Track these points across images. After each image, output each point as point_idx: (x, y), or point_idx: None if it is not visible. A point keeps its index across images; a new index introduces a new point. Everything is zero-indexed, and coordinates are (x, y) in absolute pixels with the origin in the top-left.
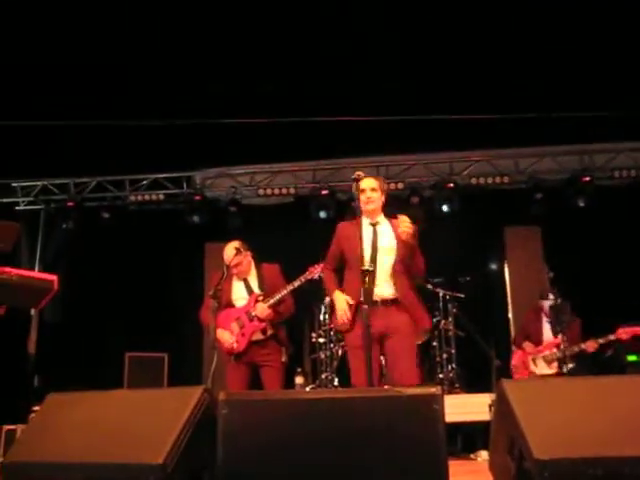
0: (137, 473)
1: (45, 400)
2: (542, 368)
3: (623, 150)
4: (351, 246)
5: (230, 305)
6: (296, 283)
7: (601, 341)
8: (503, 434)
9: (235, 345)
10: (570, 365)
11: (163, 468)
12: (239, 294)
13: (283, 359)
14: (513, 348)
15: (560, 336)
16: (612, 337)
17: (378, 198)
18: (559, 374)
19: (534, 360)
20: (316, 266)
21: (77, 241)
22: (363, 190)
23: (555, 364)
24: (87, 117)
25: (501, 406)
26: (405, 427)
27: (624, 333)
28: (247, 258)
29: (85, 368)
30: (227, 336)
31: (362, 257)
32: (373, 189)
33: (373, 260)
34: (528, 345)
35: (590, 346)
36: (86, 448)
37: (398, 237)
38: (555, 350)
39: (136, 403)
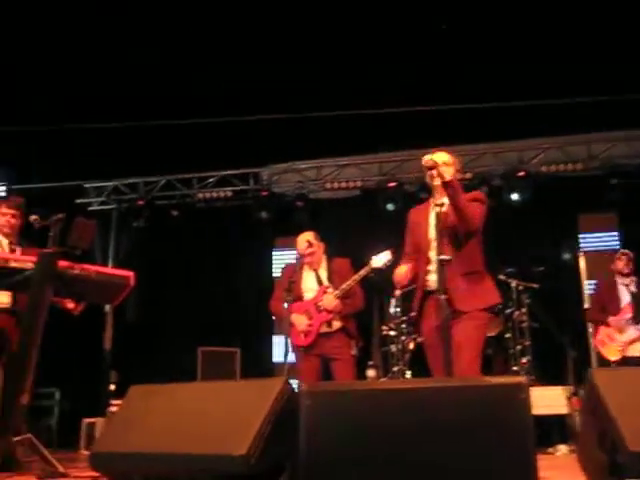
0: (220, 464)
1: (128, 392)
2: (629, 333)
3: None
4: (418, 231)
5: (299, 297)
6: (362, 272)
7: None
8: (593, 426)
9: (303, 337)
10: None
11: (246, 459)
12: (309, 285)
13: (353, 352)
14: (589, 327)
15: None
16: None
17: (449, 172)
18: None
19: (618, 328)
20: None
21: (148, 239)
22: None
23: (638, 325)
24: (155, 117)
25: (590, 397)
26: (490, 418)
27: None
28: (320, 249)
29: (159, 363)
30: (300, 320)
31: (428, 242)
32: (445, 163)
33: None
34: (612, 320)
35: None
36: (169, 439)
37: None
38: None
39: (218, 395)
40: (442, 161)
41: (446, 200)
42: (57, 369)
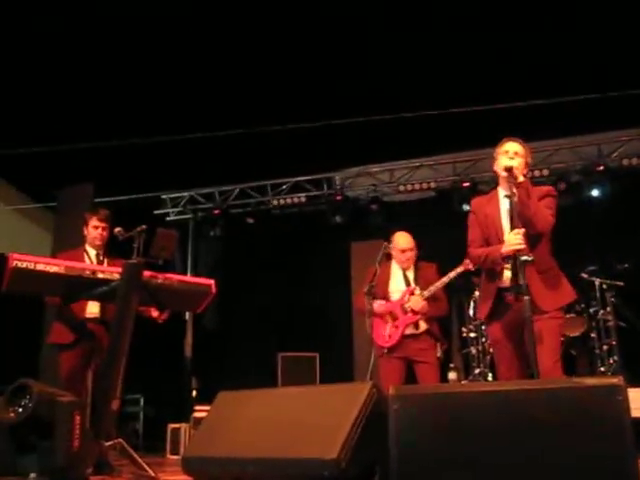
0: (311, 468)
1: (216, 398)
2: None
3: None
4: (488, 223)
5: (385, 296)
6: (452, 274)
7: None
8: None
9: (387, 338)
10: None
11: (337, 463)
12: (396, 286)
13: (438, 355)
14: None
15: None
16: None
17: (521, 166)
18: None
19: None
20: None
21: (225, 247)
22: (505, 152)
23: None
24: (227, 127)
25: None
26: (586, 421)
27: None
28: (415, 251)
29: (238, 369)
30: (387, 309)
31: (500, 236)
32: (516, 153)
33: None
34: None
35: None
36: (259, 443)
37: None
38: None
39: (305, 399)
40: (514, 151)
41: (516, 190)
42: (141, 376)
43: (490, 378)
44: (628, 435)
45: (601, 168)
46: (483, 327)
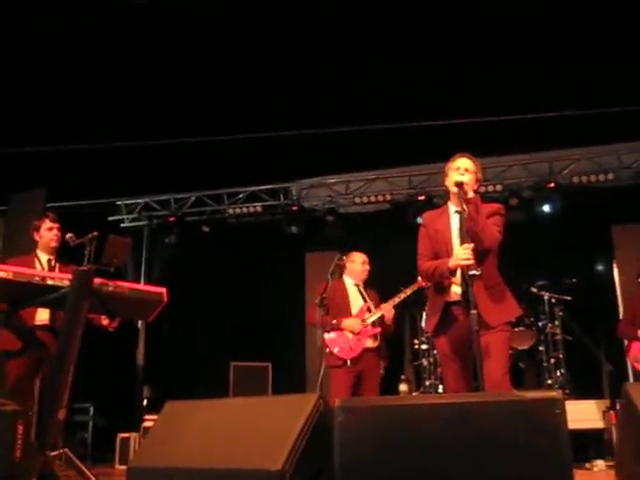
0: (255, 479)
1: (164, 408)
2: None
3: None
4: (438, 238)
5: (345, 311)
6: (408, 291)
7: None
8: (631, 441)
9: (350, 350)
10: None
11: (281, 474)
12: (355, 301)
13: (382, 371)
14: (625, 342)
15: None
16: None
17: (471, 181)
18: None
19: None
20: None
21: (179, 255)
22: (457, 169)
23: None
24: (185, 135)
25: (627, 412)
26: (525, 433)
27: None
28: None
29: (191, 378)
30: (353, 323)
31: (449, 251)
32: (467, 169)
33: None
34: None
35: None
36: (205, 454)
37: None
38: None
39: (252, 410)
40: (465, 167)
41: (466, 206)
42: (91, 385)
43: (440, 390)
44: (565, 447)
45: (552, 185)
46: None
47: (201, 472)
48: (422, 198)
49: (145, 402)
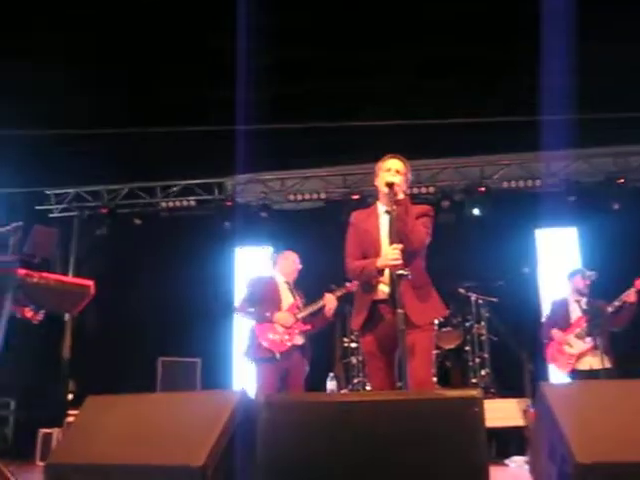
0: (177, 475)
1: (85, 403)
2: (578, 346)
3: None
4: (367, 238)
5: (276, 304)
6: (338, 293)
7: (624, 298)
8: (543, 438)
9: (280, 343)
10: (606, 365)
11: (203, 470)
12: (287, 299)
13: (307, 368)
14: (545, 341)
15: (589, 339)
16: (633, 290)
17: (402, 183)
18: (595, 347)
19: (568, 342)
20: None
21: (110, 248)
22: (387, 170)
23: (588, 338)
24: (118, 125)
25: (541, 410)
26: (445, 430)
27: None
28: None
29: (118, 373)
30: (286, 317)
31: (378, 251)
32: (397, 170)
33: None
34: (555, 333)
35: (612, 306)
36: (126, 450)
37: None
38: (584, 325)
39: (176, 406)
40: (396, 169)
41: (395, 207)
42: (14, 378)
43: (369, 388)
44: (482, 443)
45: (482, 189)
46: None
47: (121, 468)
48: (356, 197)
49: (70, 397)
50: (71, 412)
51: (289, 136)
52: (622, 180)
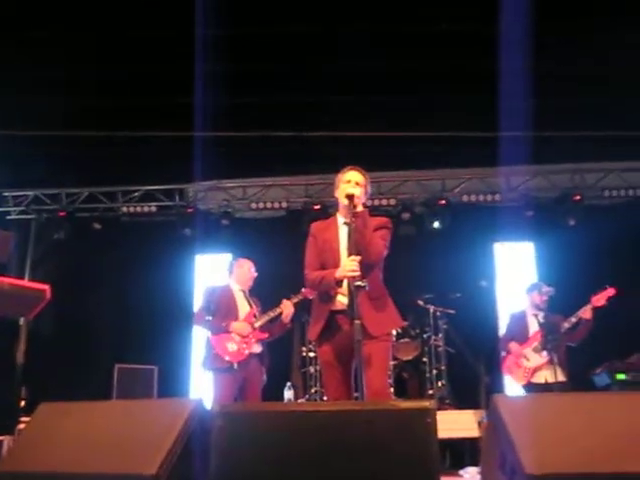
0: None
1: (37, 410)
2: (534, 360)
3: (613, 170)
4: (326, 248)
5: (233, 313)
6: (294, 300)
7: (581, 314)
8: (495, 449)
9: (237, 353)
10: (561, 379)
11: (156, 479)
12: (244, 307)
13: (264, 377)
14: (503, 354)
15: (545, 353)
16: (589, 306)
17: (361, 195)
18: (551, 361)
19: (525, 355)
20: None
21: (68, 252)
22: (347, 182)
23: (544, 352)
24: (79, 128)
25: (493, 421)
26: (398, 441)
27: (597, 300)
28: None
29: (74, 379)
30: (243, 326)
31: (337, 262)
32: (357, 183)
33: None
34: (513, 345)
35: (568, 322)
36: (79, 458)
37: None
38: (541, 339)
39: (129, 413)
40: (355, 181)
41: (354, 219)
42: None
43: (326, 397)
44: (433, 454)
45: (443, 202)
46: None
47: (72, 477)
48: (318, 207)
49: (22, 403)
50: (23, 419)
51: (251, 144)
52: (578, 197)
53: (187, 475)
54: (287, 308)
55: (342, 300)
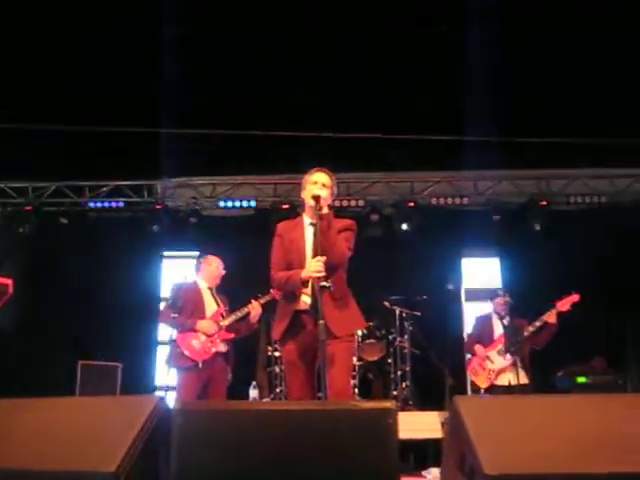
0: None
1: None
2: (498, 362)
3: (579, 176)
4: (292, 248)
5: (200, 311)
6: (262, 300)
7: (545, 318)
8: (455, 450)
9: (203, 352)
10: (523, 381)
11: (115, 476)
12: (210, 305)
13: (230, 376)
14: (468, 356)
15: (509, 356)
16: (554, 311)
17: (327, 196)
18: (514, 364)
19: (489, 358)
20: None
21: (33, 246)
22: (314, 183)
23: (508, 355)
24: (49, 121)
25: (454, 422)
26: (359, 441)
27: (562, 305)
28: None
29: (36, 377)
30: (209, 325)
31: (302, 262)
32: (324, 184)
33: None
34: (478, 348)
35: (533, 326)
36: (36, 455)
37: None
38: (506, 342)
39: (89, 410)
40: (322, 182)
41: (320, 220)
42: None
43: (289, 397)
44: (393, 454)
45: (411, 204)
46: None
47: (29, 475)
48: (286, 207)
49: None
50: None
51: (221, 142)
52: (544, 202)
53: (148, 473)
54: (255, 309)
55: (306, 300)
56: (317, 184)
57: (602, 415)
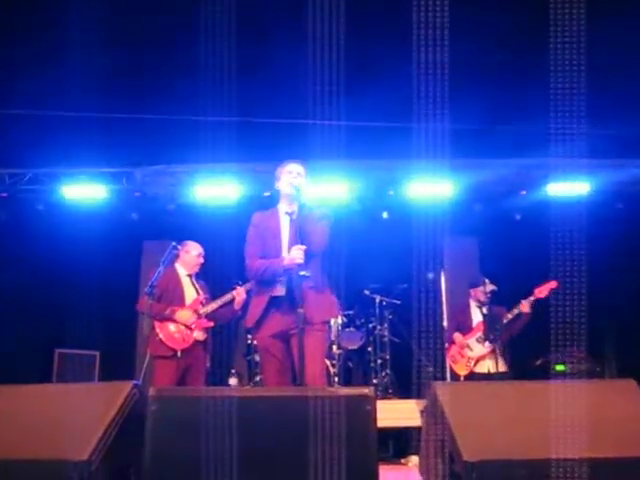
0: (60, 470)
1: None
2: (477, 350)
3: (560, 166)
4: (268, 236)
5: (179, 299)
6: (248, 286)
7: (521, 307)
8: (434, 437)
9: (182, 341)
10: (502, 369)
11: (88, 465)
12: (190, 293)
13: (208, 364)
14: (446, 344)
15: (488, 344)
16: (532, 298)
17: (303, 186)
18: (493, 351)
19: (468, 345)
20: None
21: (9, 234)
22: (289, 172)
23: (487, 343)
24: (24, 107)
25: (432, 409)
26: (337, 427)
27: (540, 292)
28: None
29: (11, 365)
30: (188, 315)
31: (279, 250)
32: (299, 173)
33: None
34: (457, 336)
35: (511, 313)
36: (7, 444)
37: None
38: (484, 330)
39: (63, 397)
40: (297, 171)
41: (296, 209)
42: None
43: (265, 384)
44: (372, 441)
45: (391, 192)
46: None
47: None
48: (268, 194)
49: None
50: None
51: (202, 129)
52: (524, 192)
53: (121, 460)
54: (240, 294)
55: (281, 288)
56: (292, 173)
57: (578, 401)
